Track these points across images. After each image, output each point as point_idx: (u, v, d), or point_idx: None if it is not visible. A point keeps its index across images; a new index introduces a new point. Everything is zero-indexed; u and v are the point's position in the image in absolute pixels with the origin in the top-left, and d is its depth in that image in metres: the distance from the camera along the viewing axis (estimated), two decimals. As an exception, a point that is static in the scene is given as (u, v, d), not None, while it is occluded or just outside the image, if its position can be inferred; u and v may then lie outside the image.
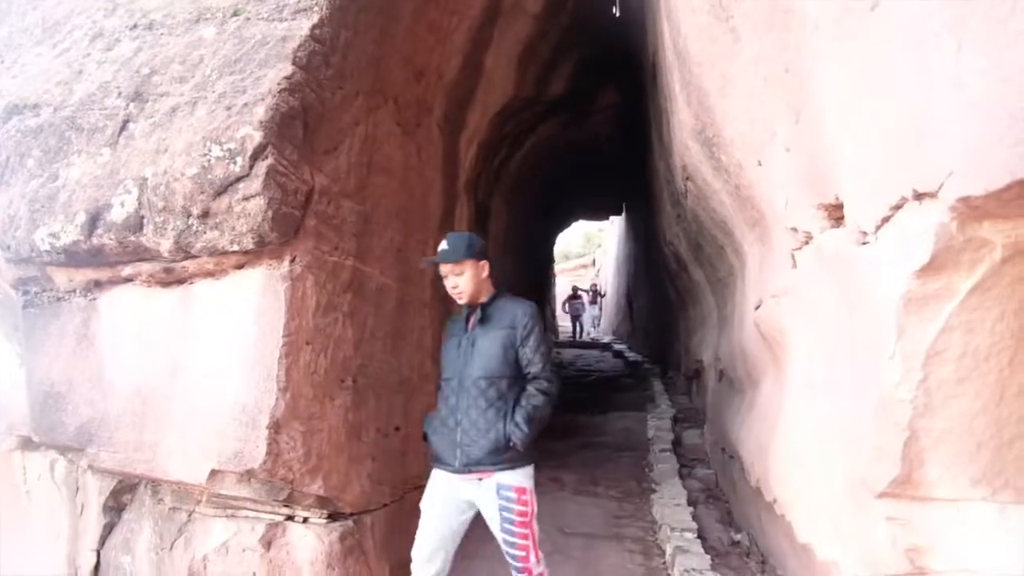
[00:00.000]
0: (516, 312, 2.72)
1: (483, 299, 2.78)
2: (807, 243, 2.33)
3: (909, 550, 1.73)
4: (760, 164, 2.74)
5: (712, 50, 2.81)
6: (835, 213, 2.00)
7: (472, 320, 2.78)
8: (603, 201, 15.59)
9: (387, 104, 3.95)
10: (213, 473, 2.92)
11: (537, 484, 4.82)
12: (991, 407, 1.54)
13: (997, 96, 1.11)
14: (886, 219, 1.54)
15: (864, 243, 1.74)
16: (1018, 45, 1.07)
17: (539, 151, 7.88)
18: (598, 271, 26.89)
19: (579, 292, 21.70)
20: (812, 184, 2.07)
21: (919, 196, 1.36)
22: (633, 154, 10.34)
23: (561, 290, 21.65)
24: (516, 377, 2.70)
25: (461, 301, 2.80)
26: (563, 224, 17.11)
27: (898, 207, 1.47)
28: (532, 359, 2.68)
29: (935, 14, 1.29)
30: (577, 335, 20.48)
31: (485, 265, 2.77)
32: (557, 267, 21.40)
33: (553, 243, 17.11)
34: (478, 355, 2.69)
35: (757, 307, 3.55)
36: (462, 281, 2.72)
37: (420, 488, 4.26)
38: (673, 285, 8.85)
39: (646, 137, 8.11)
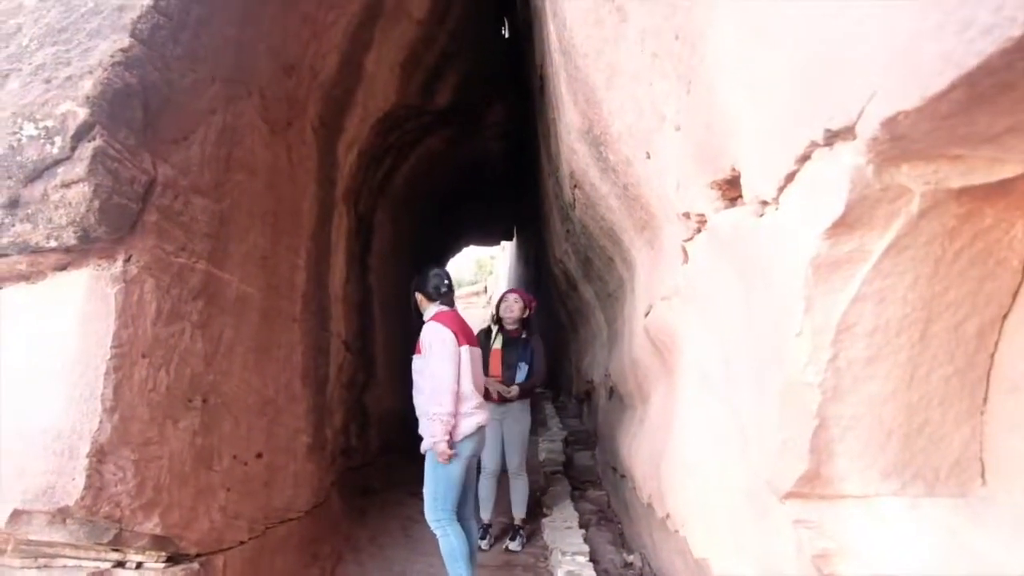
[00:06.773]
0: None
1: None
2: (699, 231, 2.19)
3: (817, 556, 1.56)
4: (649, 156, 2.61)
5: (598, 36, 2.67)
6: (730, 192, 1.86)
7: None
8: (494, 225, 15.48)
9: (251, 96, 3.57)
10: (16, 514, 2.41)
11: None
12: (901, 390, 1.40)
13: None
14: (791, 176, 1.38)
15: (762, 215, 1.59)
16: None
17: (426, 166, 7.59)
18: (489, 299, 26.66)
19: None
20: (705, 160, 1.92)
21: (831, 139, 1.19)
22: (523, 176, 10.30)
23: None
24: None
25: None
26: (454, 249, 16.81)
27: (805, 158, 1.30)
28: None
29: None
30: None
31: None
32: (448, 294, 20.52)
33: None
34: None
35: (647, 314, 3.42)
36: None
37: (286, 522, 3.83)
38: (564, 306, 8.77)
39: (535, 156, 8.05)
